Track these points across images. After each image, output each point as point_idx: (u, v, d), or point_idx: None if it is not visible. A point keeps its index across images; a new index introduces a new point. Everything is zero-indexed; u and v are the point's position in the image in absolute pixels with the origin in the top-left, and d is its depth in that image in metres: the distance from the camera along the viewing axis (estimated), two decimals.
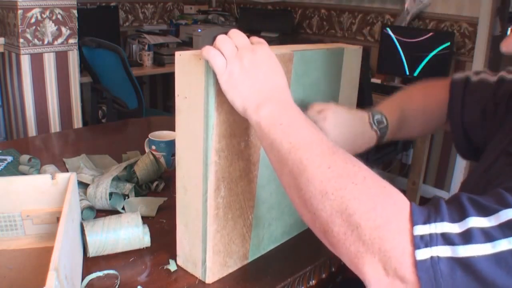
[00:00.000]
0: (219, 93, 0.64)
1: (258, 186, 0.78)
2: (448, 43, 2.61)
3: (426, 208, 0.48)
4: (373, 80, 2.85)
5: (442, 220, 0.46)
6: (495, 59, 2.74)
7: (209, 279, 0.75)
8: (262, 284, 0.76)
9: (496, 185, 0.51)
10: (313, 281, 0.79)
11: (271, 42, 3.54)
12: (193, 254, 0.75)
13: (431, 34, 2.70)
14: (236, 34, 0.64)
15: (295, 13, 3.53)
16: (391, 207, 0.48)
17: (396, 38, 2.81)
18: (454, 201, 0.48)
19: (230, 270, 0.79)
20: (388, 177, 3.20)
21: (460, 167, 2.87)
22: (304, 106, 0.82)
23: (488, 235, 0.44)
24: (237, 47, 0.62)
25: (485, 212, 0.45)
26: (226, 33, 0.65)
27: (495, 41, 2.67)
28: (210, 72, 0.63)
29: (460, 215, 0.46)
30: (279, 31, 3.42)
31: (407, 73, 2.79)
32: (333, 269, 0.83)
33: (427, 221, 0.46)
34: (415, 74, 2.75)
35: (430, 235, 0.45)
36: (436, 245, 0.44)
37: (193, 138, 0.68)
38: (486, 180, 0.66)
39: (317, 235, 0.54)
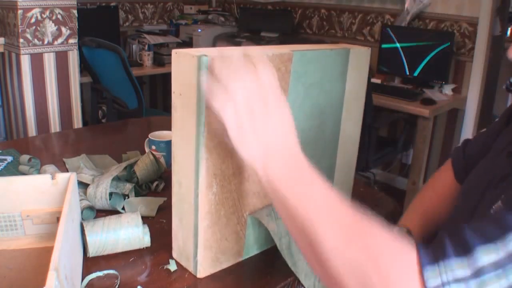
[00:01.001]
0: None
1: (255, 184, 0.78)
2: (448, 43, 2.61)
3: (433, 254, 0.47)
4: (373, 80, 2.85)
5: (449, 260, 0.46)
6: (495, 59, 2.75)
7: (200, 274, 0.77)
8: (262, 284, 0.76)
9: (497, 188, 0.51)
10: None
11: (271, 42, 3.53)
12: (186, 248, 0.77)
13: (431, 34, 2.70)
14: (244, 73, 0.57)
15: (295, 13, 3.53)
16: (400, 264, 0.48)
17: (396, 38, 2.81)
18: (457, 234, 0.48)
19: (224, 266, 0.79)
20: (388, 177, 3.20)
21: None
22: (306, 106, 0.82)
23: (500, 268, 0.44)
24: (247, 90, 0.56)
25: (492, 239, 0.45)
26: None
27: (495, 41, 2.67)
28: (203, 69, 0.64)
29: (466, 250, 0.46)
30: (279, 31, 3.42)
31: (407, 73, 2.79)
32: None
33: (435, 262, 0.46)
34: (415, 74, 2.75)
35: (442, 283, 0.45)
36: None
37: (186, 135, 0.70)
38: (487, 181, 0.66)
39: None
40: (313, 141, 0.87)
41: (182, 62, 0.67)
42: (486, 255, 0.45)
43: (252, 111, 0.55)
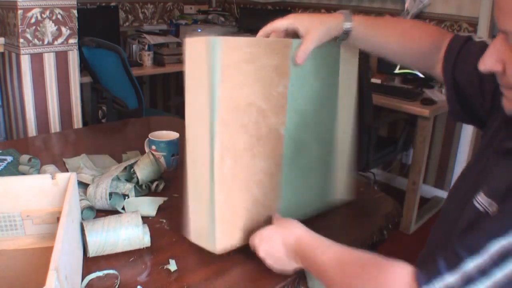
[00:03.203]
0: (224, 68, 0.71)
1: (263, 161, 0.81)
2: None
3: (425, 268, 0.55)
4: (373, 80, 2.84)
5: (442, 275, 0.53)
6: None
7: (218, 248, 0.79)
8: (262, 284, 0.76)
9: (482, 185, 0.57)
10: None
11: None
12: (204, 226, 0.79)
13: None
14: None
15: (295, 13, 3.53)
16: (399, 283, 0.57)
17: None
18: (447, 248, 0.54)
19: (239, 243, 0.81)
20: (388, 177, 3.20)
21: (460, 167, 2.87)
22: (304, 91, 0.86)
23: (484, 272, 0.50)
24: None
25: (476, 249, 0.52)
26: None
27: None
28: (216, 49, 0.69)
29: (455, 261, 0.53)
30: None
31: (407, 73, 2.79)
32: None
33: (429, 281, 0.53)
34: (415, 74, 2.75)
35: None
36: None
37: (200, 112, 0.74)
38: (480, 178, 0.67)
39: None
40: (312, 125, 0.91)
41: (194, 46, 0.73)
42: (472, 264, 0.51)
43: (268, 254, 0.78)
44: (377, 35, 0.85)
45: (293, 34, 0.82)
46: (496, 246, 0.50)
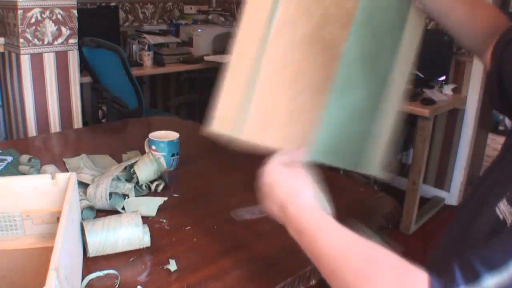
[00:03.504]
0: None
1: (320, 81, 0.76)
2: (448, 43, 2.61)
3: (442, 277, 0.51)
4: None
5: (458, 286, 0.50)
6: None
7: (246, 133, 0.74)
8: (262, 284, 0.76)
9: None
10: (313, 281, 0.79)
11: None
12: (234, 112, 0.74)
13: (431, 34, 2.70)
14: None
15: None
16: None
17: None
18: (465, 262, 0.51)
19: (269, 142, 0.75)
20: (388, 177, 3.20)
21: (460, 167, 2.87)
22: (370, 26, 0.79)
23: None
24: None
25: (496, 266, 0.49)
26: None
27: None
28: None
29: (474, 277, 0.49)
30: None
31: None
32: None
33: None
34: (415, 74, 2.75)
35: None
36: None
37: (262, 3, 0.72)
38: (502, 182, 0.65)
39: None
40: (370, 60, 0.84)
41: None
42: (491, 282, 0.48)
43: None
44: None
45: None
46: None
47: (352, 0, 0.75)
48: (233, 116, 0.75)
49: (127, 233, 0.80)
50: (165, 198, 1.01)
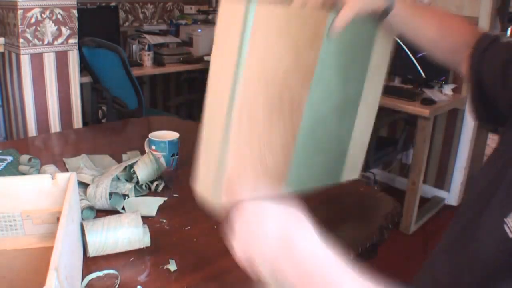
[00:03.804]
0: (255, 35, 0.69)
1: (287, 131, 0.80)
2: None
3: None
4: None
5: None
6: None
7: (223, 200, 0.72)
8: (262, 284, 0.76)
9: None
10: None
11: None
12: (211, 177, 0.75)
13: None
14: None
15: None
16: None
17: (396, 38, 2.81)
18: None
19: (243, 196, 0.76)
20: (388, 177, 3.20)
21: (460, 167, 2.87)
22: (336, 66, 0.83)
23: None
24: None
25: None
26: None
27: None
28: (250, 16, 0.67)
29: None
30: None
31: (407, 72, 2.79)
32: None
33: None
34: (415, 74, 2.75)
35: None
36: None
37: (225, 71, 0.72)
38: (495, 188, 0.64)
39: None
40: (335, 99, 0.89)
41: (229, 9, 0.70)
42: None
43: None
44: (417, 19, 0.83)
45: (331, 5, 0.79)
46: None
47: (311, 57, 0.79)
48: (211, 181, 0.76)
49: (127, 233, 0.80)
50: (165, 198, 1.01)
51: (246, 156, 0.77)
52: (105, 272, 0.76)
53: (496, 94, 0.74)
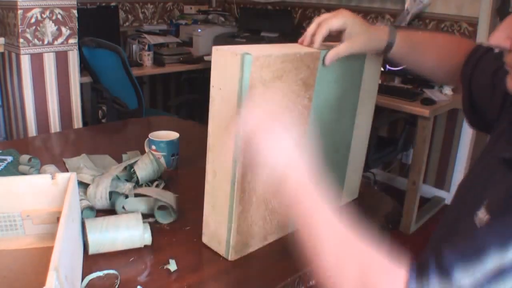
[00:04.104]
0: (253, 85, 0.70)
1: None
2: None
3: (419, 276, 0.52)
4: None
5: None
6: None
7: (232, 257, 0.80)
8: (262, 284, 0.76)
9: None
10: (313, 281, 0.79)
11: (271, 42, 3.54)
12: (218, 233, 0.81)
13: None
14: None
15: (295, 13, 3.53)
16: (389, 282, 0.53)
17: None
18: (440, 264, 0.51)
19: (251, 250, 0.83)
20: (388, 177, 3.20)
21: (460, 167, 2.87)
22: (328, 100, 0.86)
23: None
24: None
25: (470, 264, 0.49)
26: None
27: None
28: (246, 66, 0.68)
29: (448, 278, 0.50)
30: (279, 31, 3.42)
31: (407, 73, 2.79)
32: None
33: None
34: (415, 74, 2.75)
35: None
36: None
37: (225, 126, 0.73)
38: (475, 185, 0.67)
39: None
40: (330, 133, 0.92)
41: (223, 59, 0.71)
42: (464, 278, 0.49)
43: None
44: (415, 53, 0.87)
45: (338, 32, 0.83)
46: (491, 264, 0.47)
47: (307, 97, 0.81)
48: (219, 236, 0.82)
49: (128, 229, 0.80)
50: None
51: (253, 207, 0.80)
52: (105, 272, 0.76)
53: (485, 104, 0.78)
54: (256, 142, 0.63)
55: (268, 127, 0.63)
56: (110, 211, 0.93)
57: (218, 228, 0.81)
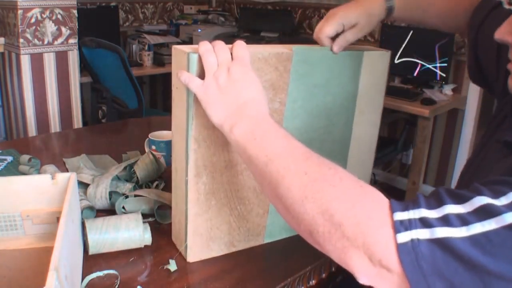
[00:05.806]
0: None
1: (249, 179, 0.80)
2: (448, 43, 2.61)
3: (404, 201, 0.50)
4: None
5: (419, 207, 0.48)
6: None
7: (190, 258, 0.80)
8: (262, 284, 0.76)
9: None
10: (313, 281, 0.80)
11: (271, 42, 3.52)
12: (180, 232, 0.80)
13: (430, 34, 2.70)
14: (218, 50, 0.66)
15: (295, 13, 3.53)
16: (370, 204, 0.51)
17: (396, 38, 2.81)
18: (432, 193, 0.51)
19: (214, 254, 0.82)
20: (388, 177, 3.20)
21: (460, 167, 2.86)
22: (309, 106, 0.81)
23: (463, 220, 0.46)
24: (218, 64, 0.65)
25: (460, 200, 0.48)
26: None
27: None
28: (193, 65, 0.67)
29: (437, 203, 0.49)
30: (279, 31, 3.42)
31: (407, 73, 2.79)
32: (333, 269, 0.83)
33: (405, 209, 0.49)
34: (414, 74, 2.75)
35: (409, 220, 0.47)
36: (416, 228, 0.47)
37: (180, 126, 0.73)
38: (480, 169, 0.67)
39: (304, 237, 0.56)
40: (318, 141, 0.86)
41: (177, 57, 0.71)
42: (453, 209, 0.47)
43: (218, 78, 0.64)
44: (418, 14, 0.85)
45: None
46: (481, 201, 0.46)
47: (277, 101, 0.78)
48: (180, 236, 0.81)
49: (128, 230, 0.80)
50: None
51: (213, 211, 0.79)
52: (105, 272, 0.76)
53: (488, 61, 0.77)
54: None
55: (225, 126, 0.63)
56: (110, 211, 0.93)
57: (179, 227, 0.81)
